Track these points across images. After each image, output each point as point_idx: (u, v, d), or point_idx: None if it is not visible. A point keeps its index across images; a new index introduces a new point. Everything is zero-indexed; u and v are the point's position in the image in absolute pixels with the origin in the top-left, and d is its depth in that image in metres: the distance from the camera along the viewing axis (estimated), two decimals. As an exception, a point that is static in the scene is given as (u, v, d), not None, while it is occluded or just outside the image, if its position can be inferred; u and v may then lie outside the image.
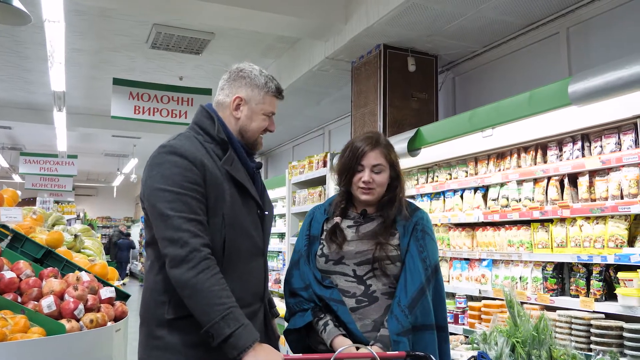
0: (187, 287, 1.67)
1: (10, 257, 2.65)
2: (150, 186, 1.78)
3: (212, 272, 1.68)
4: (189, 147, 1.81)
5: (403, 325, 1.87)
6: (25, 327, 2.15)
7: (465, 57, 5.55)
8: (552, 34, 4.61)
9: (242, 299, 1.77)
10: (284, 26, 5.47)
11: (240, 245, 1.84)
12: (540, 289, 3.25)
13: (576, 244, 3.04)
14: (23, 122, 10.41)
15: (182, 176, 1.75)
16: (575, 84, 2.73)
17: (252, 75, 1.95)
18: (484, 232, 3.72)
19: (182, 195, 1.73)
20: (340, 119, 8.10)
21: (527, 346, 2.76)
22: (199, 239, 1.70)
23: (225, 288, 1.68)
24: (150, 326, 1.83)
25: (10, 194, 3.15)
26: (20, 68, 7.73)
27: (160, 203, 1.73)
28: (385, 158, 2.07)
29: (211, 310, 1.64)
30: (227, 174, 1.85)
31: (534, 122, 3.16)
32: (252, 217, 1.91)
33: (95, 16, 5.86)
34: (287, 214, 5.97)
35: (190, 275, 1.66)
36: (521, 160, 3.47)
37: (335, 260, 2.02)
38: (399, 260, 1.99)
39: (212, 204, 1.79)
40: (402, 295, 1.93)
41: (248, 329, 1.66)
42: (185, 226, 1.69)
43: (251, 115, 1.95)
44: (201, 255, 1.68)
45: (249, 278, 1.88)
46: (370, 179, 2.04)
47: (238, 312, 1.67)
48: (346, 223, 2.09)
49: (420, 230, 2.03)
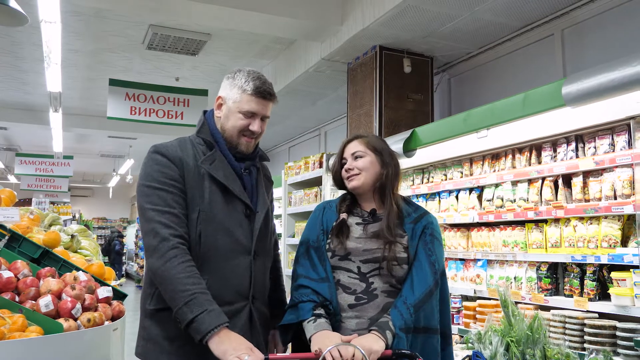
0: (156, 276, 1.78)
1: (8, 256, 2.66)
2: (138, 184, 1.92)
3: (180, 260, 1.74)
4: (171, 147, 1.92)
5: (406, 322, 1.85)
6: (23, 326, 2.16)
7: (461, 59, 5.58)
8: (547, 35, 4.64)
9: (221, 296, 1.82)
10: (279, 27, 5.48)
11: (218, 241, 1.88)
12: (534, 288, 3.27)
13: (570, 244, 3.06)
14: (19, 123, 10.39)
15: (160, 172, 1.86)
16: (569, 85, 2.75)
17: (237, 77, 1.98)
18: (479, 233, 3.74)
19: (158, 189, 1.83)
20: (336, 120, 8.13)
21: (522, 345, 2.78)
22: (169, 229, 1.78)
23: (193, 275, 1.74)
24: (141, 317, 1.97)
25: (8, 194, 3.16)
26: (16, 69, 7.72)
27: (141, 198, 1.86)
28: (366, 145, 2.10)
29: (177, 296, 1.71)
30: (208, 172, 1.91)
31: (529, 123, 3.18)
32: (236, 215, 1.93)
33: (92, 17, 5.86)
34: (283, 215, 5.99)
35: (159, 264, 1.75)
36: (516, 161, 3.49)
37: (341, 256, 2.02)
38: (406, 263, 1.98)
39: (190, 199, 1.87)
40: (408, 294, 1.92)
41: (212, 314, 1.69)
42: (157, 218, 1.79)
43: (228, 114, 1.99)
44: (169, 245, 1.76)
45: (230, 276, 1.90)
46: (351, 165, 2.08)
47: (204, 298, 1.71)
48: (355, 220, 2.08)
49: (429, 234, 2.03)
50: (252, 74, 1.98)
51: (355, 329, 1.94)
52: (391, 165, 2.10)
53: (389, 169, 2.09)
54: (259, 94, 1.96)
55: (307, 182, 5.58)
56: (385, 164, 2.09)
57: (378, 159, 2.09)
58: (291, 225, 5.89)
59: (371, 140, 2.13)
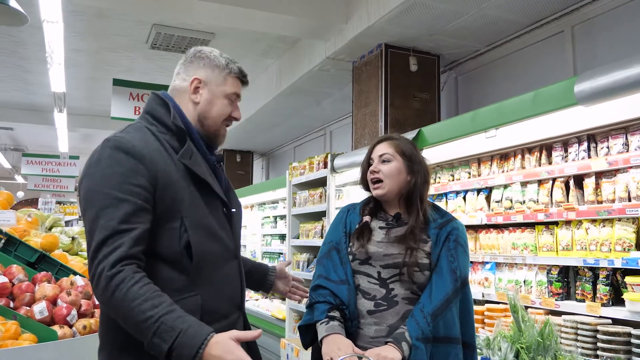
0: (110, 312, 1.46)
1: (4, 261, 2.61)
2: (86, 186, 1.51)
3: (128, 285, 1.40)
4: (137, 142, 1.53)
5: (423, 332, 1.78)
6: (17, 334, 2.10)
7: (468, 57, 5.49)
8: (557, 32, 4.54)
9: (218, 310, 1.61)
10: (283, 26, 5.41)
11: (209, 249, 1.60)
12: (544, 293, 3.18)
13: (582, 247, 2.97)
14: (24, 123, 10.40)
15: (124, 177, 1.48)
16: (581, 83, 2.66)
17: (211, 56, 1.73)
18: (487, 235, 3.66)
19: (120, 200, 1.46)
20: (342, 120, 8.05)
21: (532, 352, 2.70)
22: (118, 251, 1.42)
23: (149, 297, 1.40)
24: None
25: (5, 196, 3.10)
26: (20, 69, 7.70)
27: (91, 208, 1.47)
28: (396, 149, 2.01)
29: (141, 328, 1.39)
30: (185, 169, 1.59)
31: (539, 123, 3.09)
32: (218, 216, 1.66)
33: (94, 16, 5.81)
34: (287, 216, 5.91)
35: (107, 296, 1.41)
36: (525, 161, 3.41)
37: (361, 260, 1.95)
38: (427, 269, 1.91)
39: (167, 206, 1.53)
40: (426, 302, 1.84)
41: (190, 331, 1.38)
42: (110, 240, 1.43)
43: (211, 99, 1.70)
44: (112, 272, 1.40)
45: (224, 286, 1.65)
46: (376, 168, 2.00)
47: (171, 317, 1.39)
48: (378, 224, 2.01)
49: (453, 240, 1.94)
50: (225, 55, 1.78)
51: (373, 336, 1.87)
52: (420, 173, 2.01)
53: (417, 177, 2.00)
54: (244, 77, 1.78)
55: (311, 183, 5.50)
56: (414, 171, 2.00)
57: (406, 165, 2.01)
58: (295, 227, 5.82)
59: (401, 144, 2.04)
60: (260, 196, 7.49)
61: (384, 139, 2.07)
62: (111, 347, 1.55)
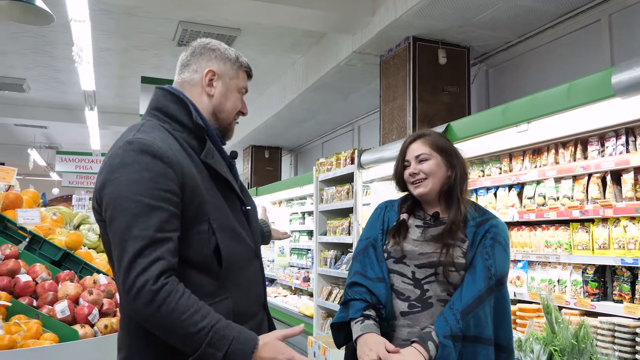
0: (152, 325, 1.39)
1: (28, 259, 2.61)
2: (112, 192, 1.42)
3: (176, 298, 1.36)
4: (161, 144, 1.45)
5: (452, 329, 1.70)
6: (38, 333, 2.10)
7: (499, 48, 5.34)
8: (593, 21, 4.38)
9: (247, 312, 1.58)
10: (309, 20, 5.36)
11: (235, 250, 1.56)
12: (580, 293, 3.05)
13: (620, 246, 2.83)
14: (58, 122, 10.60)
15: (153, 182, 1.40)
16: (619, 74, 2.52)
17: (221, 48, 1.67)
18: (519, 232, 3.54)
19: (152, 208, 1.39)
20: (370, 115, 7.96)
21: (566, 355, 2.60)
22: (160, 263, 1.37)
23: (198, 308, 1.38)
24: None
25: (31, 195, 3.12)
26: (51, 68, 7.83)
27: (121, 216, 1.39)
28: (431, 146, 1.93)
29: (191, 341, 1.36)
30: (208, 169, 1.54)
31: (573, 116, 2.96)
32: (238, 215, 1.62)
33: (121, 15, 5.85)
34: (315, 212, 5.86)
35: (151, 311, 1.35)
36: (559, 156, 3.28)
37: (396, 259, 1.89)
38: (464, 269, 1.83)
39: (195, 209, 1.48)
40: (457, 299, 1.77)
41: (241, 338, 1.40)
42: (147, 250, 1.36)
43: (226, 93, 1.65)
44: (158, 286, 1.35)
45: (250, 286, 1.63)
46: (415, 170, 1.92)
47: (222, 326, 1.39)
48: (415, 222, 1.95)
49: (490, 237, 1.86)
50: (232, 49, 1.73)
51: (405, 339, 1.80)
52: (458, 167, 1.93)
53: (456, 171, 1.92)
54: (251, 70, 1.74)
55: (338, 179, 5.44)
56: (452, 166, 1.93)
57: (444, 160, 1.93)
58: (323, 223, 5.76)
59: (435, 139, 1.96)
60: (288, 192, 7.46)
61: (416, 137, 1.98)
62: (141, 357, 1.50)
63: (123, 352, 1.53)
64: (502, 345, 1.81)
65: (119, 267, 1.39)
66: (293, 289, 7.44)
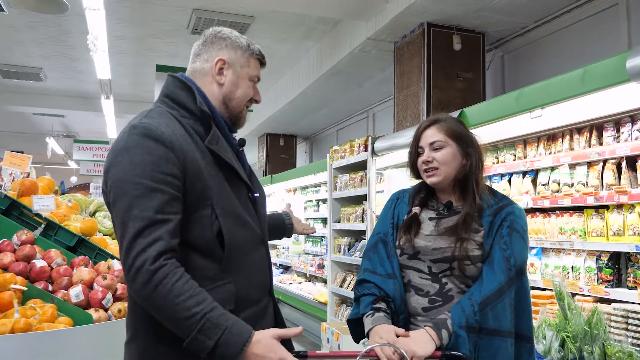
0: (149, 306, 1.41)
1: (44, 245, 2.66)
2: (115, 175, 1.46)
3: (172, 280, 1.38)
4: (165, 129, 1.48)
5: (468, 320, 1.67)
6: (53, 317, 2.14)
7: (515, 34, 5.26)
8: (610, 5, 4.29)
9: (249, 297, 1.59)
10: (323, 7, 5.33)
11: (239, 236, 1.57)
12: (593, 279, 3.03)
13: (635, 233, 2.80)
14: (74, 110, 10.70)
15: (155, 165, 1.43)
16: (634, 58, 2.48)
17: (232, 36, 1.68)
18: (533, 219, 3.51)
19: (153, 190, 1.41)
20: (384, 102, 7.92)
21: (578, 341, 2.58)
22: (158, 243, 1.39)
23: (194, 293, 1.39)
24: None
25: (46, 182, 3.17)
26: (67, 57, 7.89)
27: (123, 198, 1.42)
28: (446, 133, 1.86)
29: (184, 325, 1.37)
30: (213, 155, 1.56)
31: (588, 101, 2.92)
32: (244, 201, 1.63)
33: (136, 2, 5.87)
34: (329, 200, 5.87)
35: (147, 292, 1.37)
36: (574, 142, 3.23)
37: (410, 255, 1.85)
38: (480, 261, 1.78)
39: (197, 194, 1.50)
40: (476, 290, 1.73)
41: (234, 329, 1.39)
42: (146, 231, 1.39)
43: (236, 81, 1.66)
44: (155, 267, 1.37)
45: (254, 272, 1.63)
46: (429, 157, 1.86)
47: (216, 314, 1.39)
48: (428, 214, 1.90)
49: (507, 226, 1.80)
50: (244, 37, 1.73)
51: None
52: (474, 155, 1.87)
53: (472, 159, 1.86)
54: (263, 59, 1.74)
55: (352, 166, 5.43)
56: (468, 154, 1.86)
57: (459, 148, 1.86)
58: (337, 210, 5.77)
59: (451, 126, 1.88)
60: (303, 180, 7.48)
61: (431, 123, 1.91)
62: (144, 339, 1.52)
63: (130, 332, 1.57)
64: (522, 335, 1.78)
65: (121, 248, 1.42)
66: (308, 276, 7.48)
